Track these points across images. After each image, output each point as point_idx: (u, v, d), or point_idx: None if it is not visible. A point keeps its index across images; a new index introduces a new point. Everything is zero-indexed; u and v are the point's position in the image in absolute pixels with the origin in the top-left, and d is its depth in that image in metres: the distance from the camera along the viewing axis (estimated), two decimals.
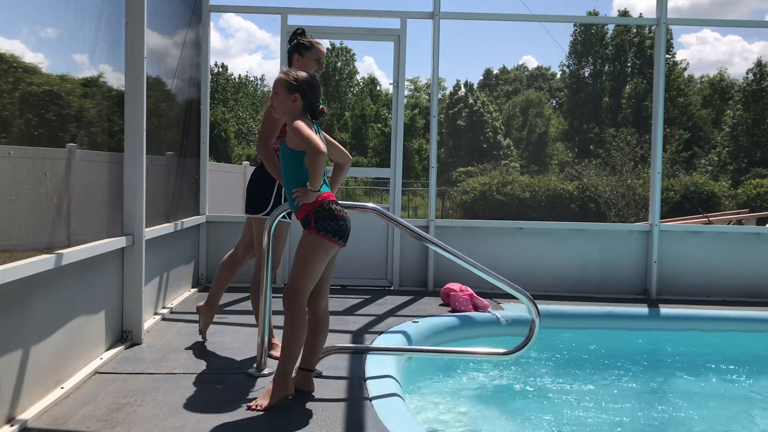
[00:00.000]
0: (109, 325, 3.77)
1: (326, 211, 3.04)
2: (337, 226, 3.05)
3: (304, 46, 3.83)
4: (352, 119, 44.34)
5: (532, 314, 3.42)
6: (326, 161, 3.02)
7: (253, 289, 3.82)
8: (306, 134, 2.93)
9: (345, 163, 3.41)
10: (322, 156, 2.91)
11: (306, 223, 3.06)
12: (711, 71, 49.20)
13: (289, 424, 2.85)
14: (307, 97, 3.10)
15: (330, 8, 6.53)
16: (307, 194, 3.00)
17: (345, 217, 3.10)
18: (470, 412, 3.82)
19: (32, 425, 2.75)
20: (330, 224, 3.03)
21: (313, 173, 2.95)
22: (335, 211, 3.06)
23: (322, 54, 3.88)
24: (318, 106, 3.13)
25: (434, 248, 3.62)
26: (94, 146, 3.67)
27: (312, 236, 3.04)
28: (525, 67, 54.72)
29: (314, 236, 3.03)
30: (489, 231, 6.38)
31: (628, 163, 21.07)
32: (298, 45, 3.84)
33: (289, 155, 3.07)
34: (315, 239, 3.03)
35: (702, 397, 4.27)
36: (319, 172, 2.95)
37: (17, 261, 2.68)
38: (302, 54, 3.82)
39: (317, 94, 3.14)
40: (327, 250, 3.06)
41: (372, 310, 5.24)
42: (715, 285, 6.26)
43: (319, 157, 2.90)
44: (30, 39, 2.96)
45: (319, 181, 2.98)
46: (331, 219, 3.03)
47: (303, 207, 3.06)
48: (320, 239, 3.03)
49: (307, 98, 3.10)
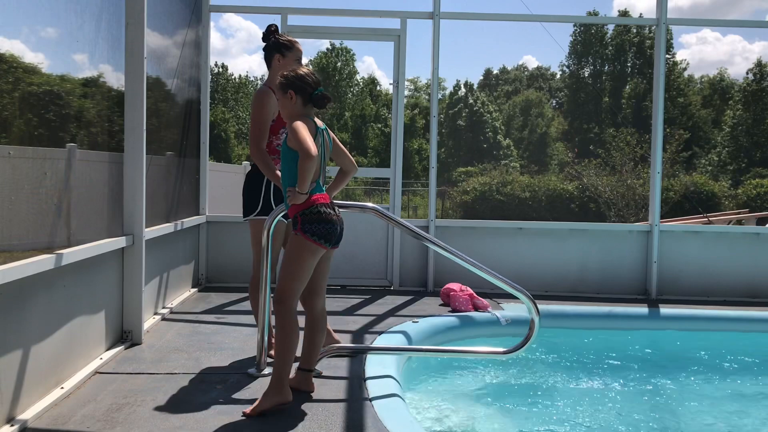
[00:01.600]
0: (109, 325, 3.77)
1: (313, 214, 3.02)
2: (324, 229, 3.02)
3: (285, 46, 3.75)
4: (352, 119, 44.32)
5: (532, 313, 3.42)
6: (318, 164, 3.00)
7: (252, 289, 3.81)
8: (299, 136, 2.91)
9: (349, 171, 3.41)
10: (311, 160, 2.87)
11: (294, 224, 3.07)
12: (712, 71, 49.21)
13: (289, 424, 2.85)
14: (301, 90, 3.08)
15: (330, 8, 6.54)
16: (297, 196, 2.99)
17: (333, 221, 3.07)
18: (470, 412, 3.81)
19: (32, 425, 2.75)
20: (316, 227, 3.01)
21: (301, 175, 2.93)
22: (323, 214, 3.04)
23: (301, 53, 3.83)
24: (317, 94, 3.10)
25: (434, 248, 3.62)
26: (94, 146, 3.68)
27: (298, 237, 3.04)
28: (525, 67, 54.78)
29: (300, 237, 3.03)
30: (489, 231, 6.38)
31: (628, 163, 21.05)
32: (278, 44, 3.74)
33: (288, 154, 3.07)
34: (300, 240, 3.03)
35: (702, 397, 4.27)
36: (306, 175, 2.92)
37: (17, 261, 2.68)
38: (284, 54, 3.74)
39: (311, 83, 3.10)
40: (312, 252, 3.03)
41: (372, 310, 5.24)
42: (715, 285, 6.26)
43: (307, 161, 2.87)
44: (30, 39, 2.96)
45: (306, 184, 2.95)
46: (317, 222, 3.01)
47: (292, 207, 3.06)
48: (305, 241, 3.02)
49: (301, 92, 3.09)
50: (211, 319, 4.76)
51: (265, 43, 3.79)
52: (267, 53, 3.79)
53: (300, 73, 3.11)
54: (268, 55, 3.79)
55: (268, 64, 3.81)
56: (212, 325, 4.60)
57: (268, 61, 3.80)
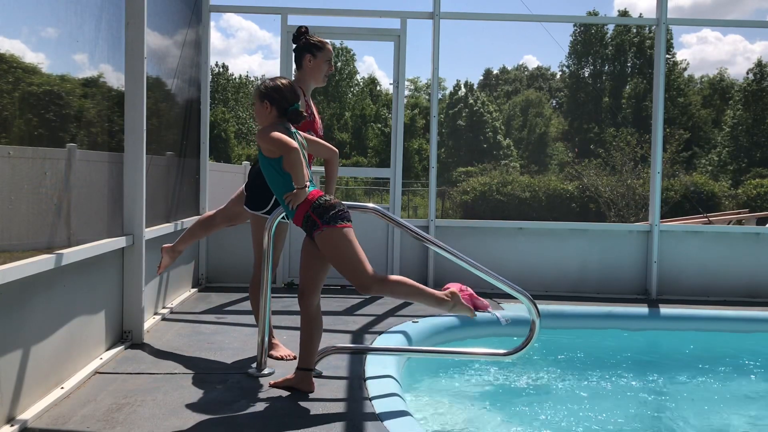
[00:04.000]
0: (109, 325, 3.77)
1: (322, 205, 3.05)
2: (340, 211, 3.07)
3: (316, 46, 3.76)
4: (352, 119, 44.33)
5: (532, 315, 3.42)
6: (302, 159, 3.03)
7: (252, 290, 3.81)
8: (272, 137, 2.97)
9: (332, 158, 3.42)
10: (294, 151, 2.91)
11: (312, 226, 3.05)
12: (714, 71, 49.17)
13: (289, 424, 2.85)
14: (276, 102, 3.13)
15: (330, 8, 6.53)
16: (297, 195, 3.01)
17: (341, 202, 3.13)
18: (470, 412, 3.82)
19: (32, 425, 2.75)
20: (334, 213, 3.04)
21: (293, 170, 2.95)
22: (331, 200, 3.08)
23: (332, 54, 3.85)
24: (292, 109, 3.14)
25: (434, 248, 3.62)
26: (94, 146, 3.67)
27: (328, 231, 3.02)
28: (525, 67, 54.79)
29: (331, 230, 3.01)
30: (489, 231, 6.38)
31: (628, 163, 21.08)
32: (309, 45, 3.76)
33: (269, 165, 3.10)
34: (334, 232, 3.02)
35: (702, 397, 4.27)
36: (297, 168, 2.95)
37: (17, 261, 2.68)
38: (315, 55, 3.75)
39: (289, 98, 3.14)
40: (348, 234, 3.04)
41: (372, 310, 5.24)
42: (715, 285, 6.26)
43: (292, 153, 2.91)
44: (30, 39, 2.96)
45: (301, 177, 2.98)
46: (331, 208, 3.05)
47: (299, 210, 3.05)
48: (338, 230, 3.02)
49: (276, 104, 3.14)
50: (211, 319, 4.76)
51: (296, 44, 3.81)
52: (297, 54, 3.80)
53: (279, 85, 3.16)
54: (298, 56, 3.80)
55: (298, 65, 3.82)
56: (212, 325, 4.60)
57: (298, 62, 3.81)
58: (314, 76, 3.79)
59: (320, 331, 3.27)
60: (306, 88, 3.77)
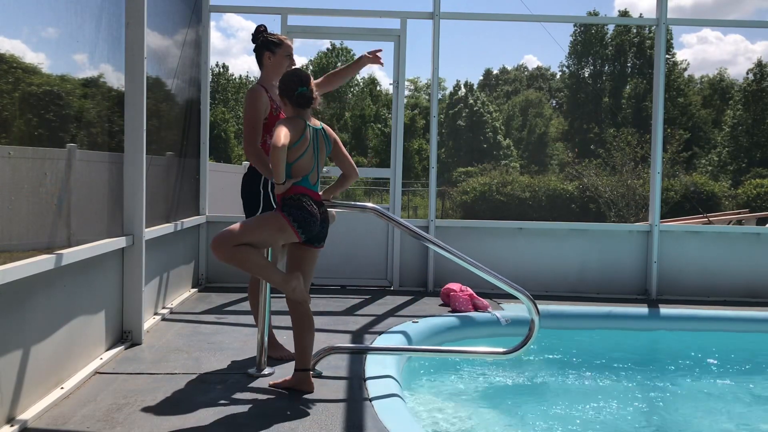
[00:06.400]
0: (109, 325, 3.77)
1: (294, 200, 3.11)
2: (301, 216, 3.09)
3: (273, 43, 3.78)
4: (352, 119, 44.30)
5: (532, 313, 3.42)
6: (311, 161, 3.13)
7: (251, 290, 3.81)
8: (275, 129, 2.99)
9: (349, 175, 3.43)
10: (276, 150, 2.92)
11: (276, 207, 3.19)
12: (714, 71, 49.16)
13: (290, 424, 2.85)
14: (285, 93, 3.17)
15: (330, 8, 6.53)
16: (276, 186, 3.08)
17: (315, 214, 3.13)
18: (470, 412, 3.82)
19: (32, 425, 2.75)
20: (296, 212, 3.09)
21: (273, 166, 2.99)
22: (305, 204, 3.11)
23: (291, 49, 3.86)
24: (297, 93, 3.14)
25: (434, 248, 3.62)
26: (94, 146, 3.67)
27: (274, 212, 3.13)
28: (525, 67, 54.82)
29: (276, 213, 3.12)
30: (489, 231, 6.38)
31: (629, 163, 21.06)
32: (267, 42, 3.78)
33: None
34: (275, 215, 3.11)
35: (702, 397, 4.27)
36: (275, 165, 2.97)
37: (17, 261, 2.68)
38: (273, 51, 3.77)
39: (292, 85, 3.15)
40: (280, 228, 3.08)
41: (372, 310, 5.24)
42: (715, 285, 6.26)
43: (275, 150, 2.93)
44: (30, 39, 2.96)
45: (277, 175, 3.00)
46: (297, 208, 3.09)
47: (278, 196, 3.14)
48: (280, 217, 3.09)
49: (286, 95, 3.17)
50: (211, 319, 4.76)
51: (255, 43, 3.84)
52: (257, 53, 3.83)
53: (283, 77, 3.23)
54: (258, 55, 3.83)
55: (259, 64, 3.85)
56: (212, 325, 4.60)
57: (259, 61, 3.84)
58: (276, 73, 3.77)
59: (312, 331, 3.26)
60: (269, 86, 3.77)
